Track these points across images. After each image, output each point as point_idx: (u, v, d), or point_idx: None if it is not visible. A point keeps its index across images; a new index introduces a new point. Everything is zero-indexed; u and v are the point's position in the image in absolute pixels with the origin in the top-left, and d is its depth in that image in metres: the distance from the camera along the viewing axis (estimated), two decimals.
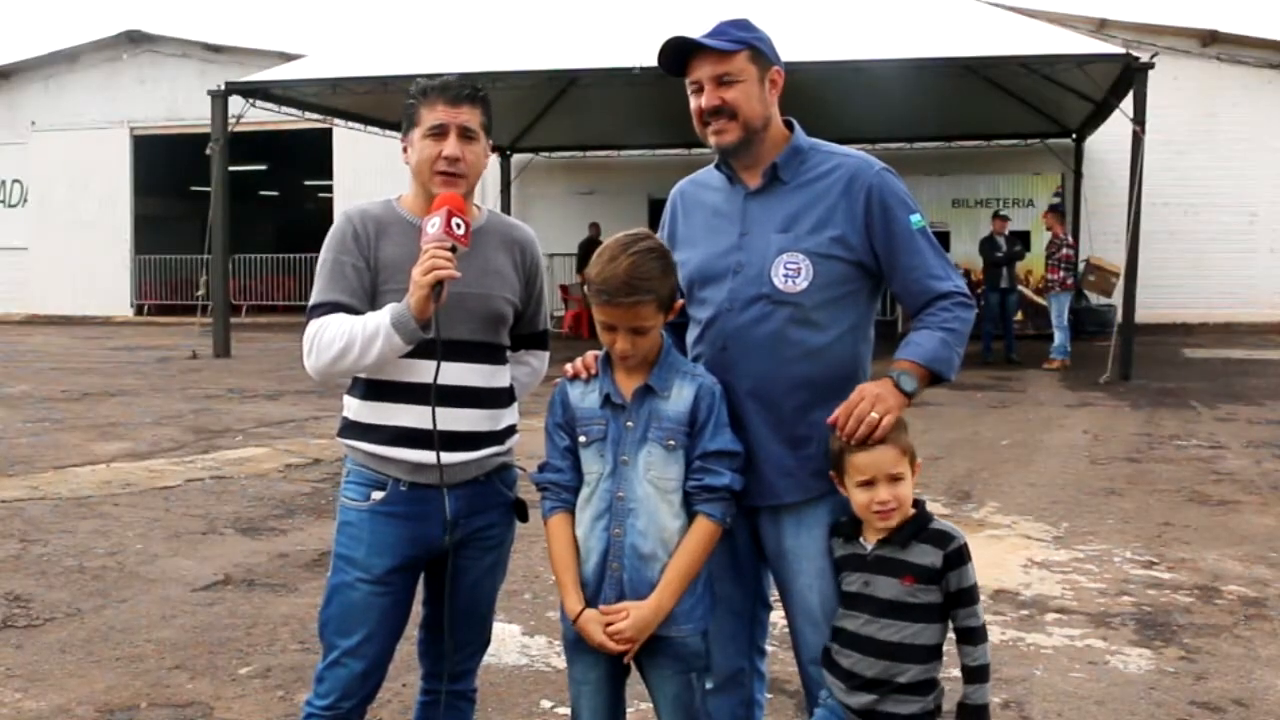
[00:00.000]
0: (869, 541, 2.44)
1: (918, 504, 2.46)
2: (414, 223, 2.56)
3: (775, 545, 2.60)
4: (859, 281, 2.58)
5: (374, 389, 2.59)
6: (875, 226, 2.54)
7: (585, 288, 2.47)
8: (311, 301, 2.59)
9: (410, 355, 2.50)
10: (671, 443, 2.42)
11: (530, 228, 2.82)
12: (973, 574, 2.40)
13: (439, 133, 2.54)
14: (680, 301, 2.52)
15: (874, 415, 2.38)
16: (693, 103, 2.59)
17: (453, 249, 2.43)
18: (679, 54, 2.56)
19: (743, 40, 2.54)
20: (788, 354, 2.53)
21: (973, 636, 2.39)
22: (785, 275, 2.52)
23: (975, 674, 2.39)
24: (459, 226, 2.44)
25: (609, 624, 2.39)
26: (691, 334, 2.66)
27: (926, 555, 2.39)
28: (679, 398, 2.45)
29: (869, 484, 2.40)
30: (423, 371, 2.50)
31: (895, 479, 2.39)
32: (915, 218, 2.57)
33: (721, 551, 2.61)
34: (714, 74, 2.52)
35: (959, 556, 2.39)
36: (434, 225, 2.43)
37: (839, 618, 2.48)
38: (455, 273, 2.40)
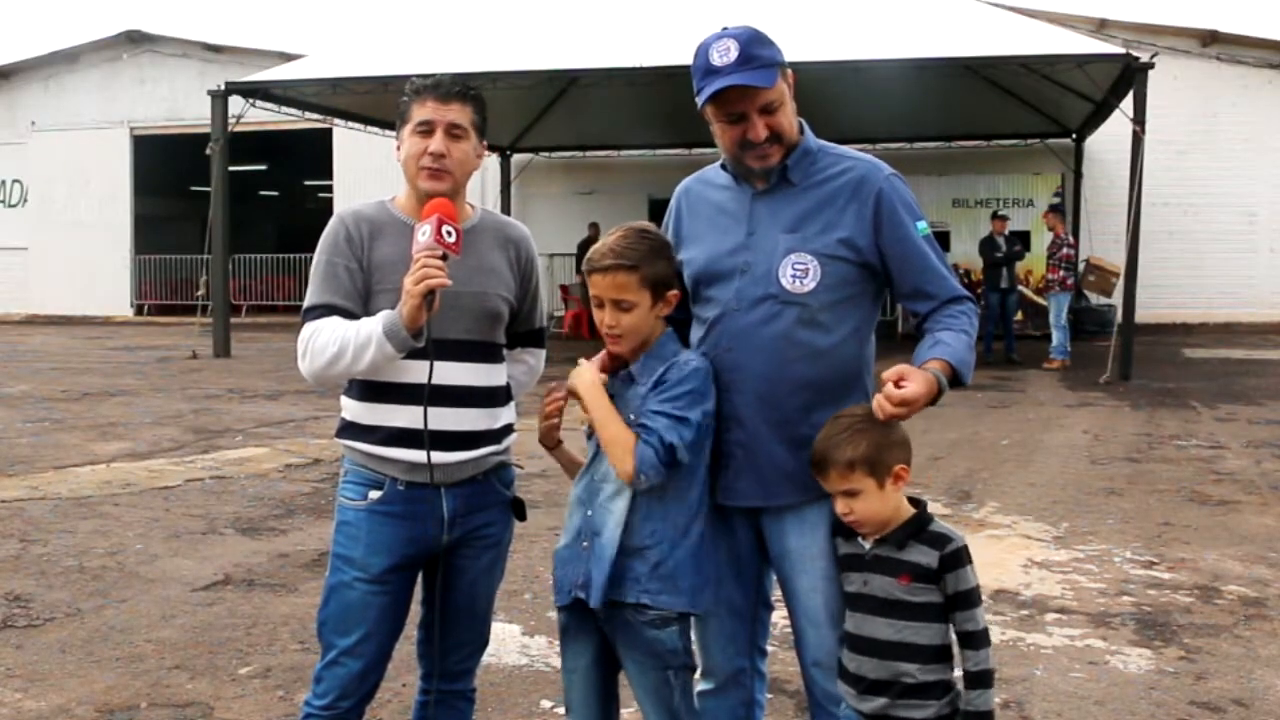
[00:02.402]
0: (867, 541, 2.44)
1: (919, 505, 2.45)
2: (408, 223, 2.56)
3: (779, 545, 2.60)
4: (864, 284, 2.58)
5: (370, 390, 2.59)
6: (884, 231, 2.54)
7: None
8: (305, 304, 2.60)
9: (406, 356, 2.51)
10: (633, 417, 2.45)
11: (525, 226, 2.82)
12: (972, 578, 2.38)
13: (426, 129, 2.54)
14: (675, 292, 2.52)
15: (897, 411, 2.30)
16: (730, 131, 2.52)
17: (444, 257, 2.43)
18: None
19: (774, 61, 2.49)
20: (793, 354, 2.52)
21: (973, 641, 2.37)
22: (793, 275, 2.52)
23: (977, 679, 2.36)
24: (450, 234, 2.44)
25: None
26: (696, 333, 2.64)
27: (923, 555, 2.38)
28: (652, 378, 2.48)
29: (831, 494, 2.43)
30: (418, 372, 2.50)
31: (849, 494, 2.39)
32: (921, 224, 2.57)
33: (723, 551, 2.62)
34: (761, 104, 2.48)
35: (956, 559, 2.37)
36: (425, 233, 2.43)
37: (846, 620, 2.47)
38: (447, 281, 2.41)
